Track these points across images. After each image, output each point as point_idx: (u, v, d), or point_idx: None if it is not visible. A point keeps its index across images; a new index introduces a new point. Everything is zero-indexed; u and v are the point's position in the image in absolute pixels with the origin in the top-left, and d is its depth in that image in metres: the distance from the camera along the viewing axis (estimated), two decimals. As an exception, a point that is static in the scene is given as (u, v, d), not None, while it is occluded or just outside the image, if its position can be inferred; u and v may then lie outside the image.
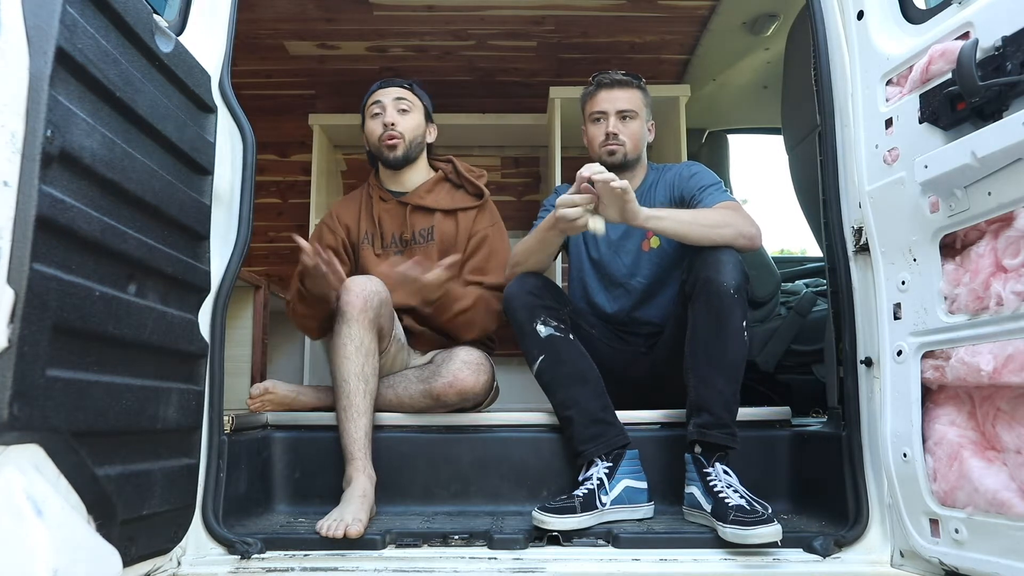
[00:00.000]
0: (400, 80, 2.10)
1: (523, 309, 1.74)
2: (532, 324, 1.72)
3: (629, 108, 1.91)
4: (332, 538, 1.43)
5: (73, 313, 0.96)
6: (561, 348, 1.72)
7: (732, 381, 1.59)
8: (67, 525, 0.93)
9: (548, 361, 1.71)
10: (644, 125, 1.96)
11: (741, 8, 2.79)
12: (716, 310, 1.58)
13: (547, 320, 1.73)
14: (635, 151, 1.93)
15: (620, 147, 1.90)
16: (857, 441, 1.44)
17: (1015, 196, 1.06)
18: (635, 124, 1.92)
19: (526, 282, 1.77)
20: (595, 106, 1.94)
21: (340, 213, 2.14)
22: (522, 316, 1.74)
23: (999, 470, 1.11)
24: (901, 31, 1.36)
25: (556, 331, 1.72)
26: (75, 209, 0.97)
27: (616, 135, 1.90)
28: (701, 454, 1.58)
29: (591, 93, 1.96)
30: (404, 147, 2.04)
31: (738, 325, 1.58)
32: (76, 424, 0.98)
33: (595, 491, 1.57)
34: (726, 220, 1.65)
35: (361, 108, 2.12)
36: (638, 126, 1.93)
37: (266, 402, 1.93)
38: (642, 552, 1.42)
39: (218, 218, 1.49)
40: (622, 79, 1.93)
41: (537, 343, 1.72)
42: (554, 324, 1.73)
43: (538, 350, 1.72)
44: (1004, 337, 1.08)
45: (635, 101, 1.93)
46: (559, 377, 1.71)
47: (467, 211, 2.09)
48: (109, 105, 1.08)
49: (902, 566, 1.34)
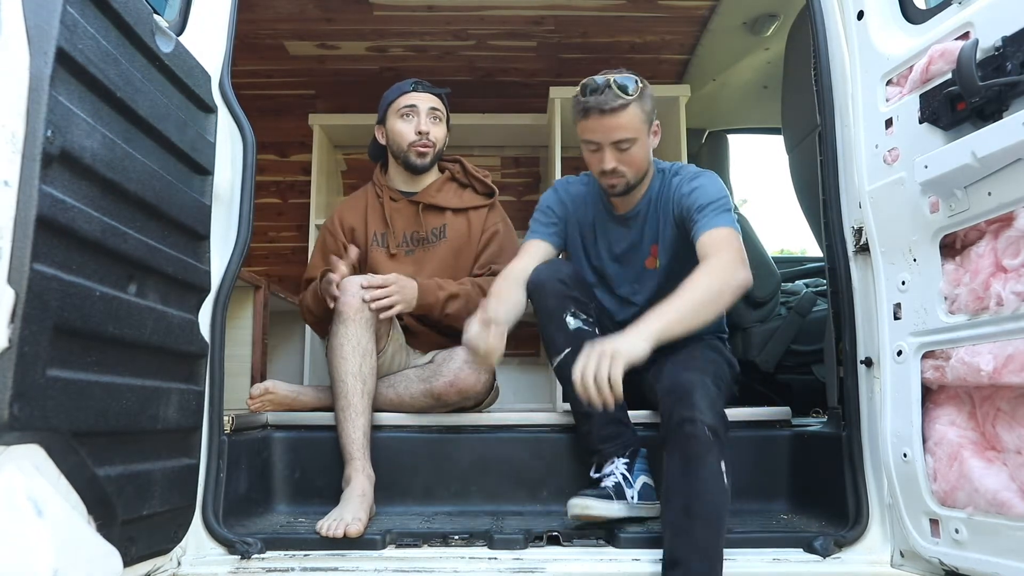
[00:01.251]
0: (436, 88, 2.10)
1: (554, 296, 1.65)
2: (562, 315, 1.64)
3: (626, 137, 1.63)
4: (332, 538, 1.43)
5: (73, 313, 0.96)
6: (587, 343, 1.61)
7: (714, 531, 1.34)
8: (67, 525, 0.93)
9: (573, 355, 1.57)
10: (647, 141, 1.70)
11: (741, 8, 2.79)
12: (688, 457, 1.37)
13: (577, 313, 1.65)
14: (639, 175, 1.72)
15: (621, 179, 1.69)
16: (857, 441, 1.44)
17: (1015, 196, 1.06)
18: (636, 148, 1.66)
19: (559, 269, 1.69)
20: (587, 133, 1.66)
21: (343, 216, 2.14)
22: (552, 304, 1.65)
23: (999, 470, 1.11)
24: (901, 31, 1.36)
25: (584, 324, 1.66)
26: (75, 209, 0.97)
27: (615, 170, 1.66)
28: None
29: (581, 115, 1.64)
30: (433, 156, 2.06)
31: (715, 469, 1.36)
32: (76, 424, 0.98)
33: (622, 484, 1.57)
34: (718, 286, 1.47)
35: (385, 102, 2.09)
36: (639, 149, 1.67)
37: (266, 402, 1.93)
38: (642, 552, 1.42)
39: (218, 218, 1.48)
40: (615, 104, 1.59)
41: (565, 335, 1.64)
42: (583, 317, 1.66)
43: (564, 342, 1.64)
44: (1004, 337, 1.08)
45: (632, 124, 1.63)
46: None
47: (478, 209, 2.12)
48: (109, 105, 1.08)
49: (902, 566, 1.34)
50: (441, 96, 2.10)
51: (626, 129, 1.62)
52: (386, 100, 2.09)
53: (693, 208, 1.68)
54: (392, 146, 2.08)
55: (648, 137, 1.71)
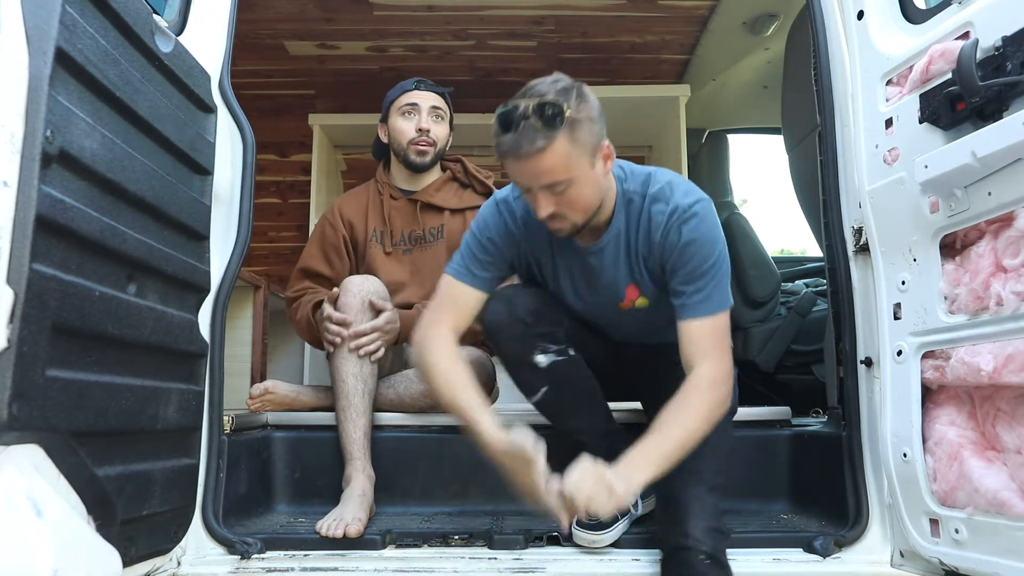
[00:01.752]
0: (439, 87, 2.09)
1: (515, 341, 1.48)
2: (530, 356, 1.46)
3: (557, 180, 1.28)
4: (332, 538, 1.43)
5: (73, 313, 0.96)
6: (566, 373, 1.50)
7: None
8: (67, 525, 0.93)
9: (553, 391, 1.50)
10: (590, 175, 1.32)
11: (741, 8, 2.79)
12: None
13: (546, 348, 1.47)
14: (586, 214, 1.36)
15: (564, 223, 1.36)
16: (857, 441, 1.44)
17: (1015, 196, 1.06)
18: (575, 189, 1.31)
19: (516, 306, 1.47)
20: (512, 175, 1.34)
21: (343, 209, 2.12)
22: (516, 349, 1.48)
23: (999, 470, 1.11)
24: (901, 31, 1.36)
25: (558, 355, 1.48)
26: (75, 209, 0.97)
27: (552, 215, 1.33)
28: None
29: (499, 156, 1.30)
30: (433, 155, 2.05)
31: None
32: (76, 424, 0.98)
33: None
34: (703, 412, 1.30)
35: (388, 100, 2.09)
36: (580, 188, 1.31)
37: (266, 402, 1.93)
38: (642, 552, 1.42)
39: (218, 218, 1.48)
40: (534, 148, 1.24)
41: (538, 375, 1.48)
42: (554, 349, 1.47)
43: (540, 382, 1.49)
44: (1004, 337, 1.08)
45: (562, 163, 1.26)
46: (566, 406, 1.55)
47: (475, 210, 2.09)
48: (109, 105, 1.08)
49: (902, 566, 1.34)
50: (444, 95, 2.10)
51: (555, 172, 1.27)
52: (389, 98, 2.09)
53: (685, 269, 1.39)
54: (393, 144, 2.07)
55: (590, 170, 1.32)
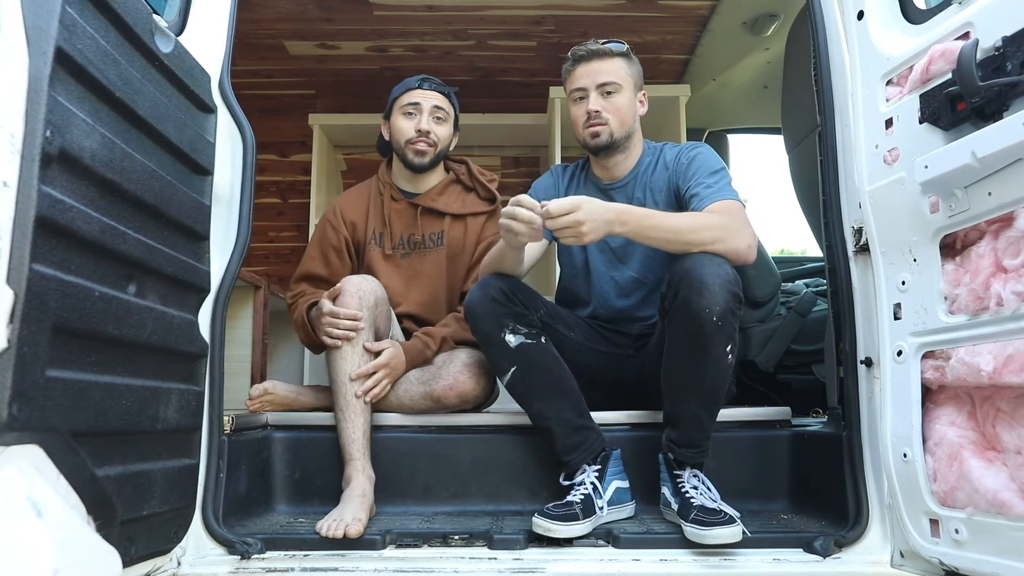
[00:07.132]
0: (443, 86, 2.06)
1: (487, 318, 1.60)
2: (500, 334, 1.59)
3: (610, 80, 1.71)
4: (332, 538, 1.43)
5: (73, 313, 0.96)
6: (534, 357, 1.61)
7: (708, 404, 1.52)
8: (67, 525, 0.93)
9: (521, 372, 1.60)
10: (632, 97, 1.76)
11: (741, 8, 2.79)
12: (694, 337, 1.45)
13: (516, 328, 1.60)
14: (623, 128, 1.74)
15: (604, 126, 1.72)
16: (857, 441, 1.44)
17: (1015, 196, 1.06)
18: (620, 98, 1.72)
19: (490, 287, 1.62)
20: (574, 83, 1.75)
21: (344, 209, 2.10)
22: (487, 326, 1.61)
23: (999, 470, 1.11)
24: (901, 31, 1.36)
25: (527, 338, 1.60)
26: (75, 209, 0.97)
27: (598, 113, 1.71)
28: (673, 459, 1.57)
29: (569, 70, 1.77)
30: (433, 156, 2.02)
31: (720, 352, 1.45)
32: (76, 424, 0.98)
33: (591, 496, 1.54)
34: (715, 235, 1.48)
35: (392, 98, 2.07)
36: (624, 99, 1.72)
37: (266, 402, 1.93)
38: (642, 552, 1.42)
39: (218, 218, 1.48)
40: (600, 49, 1.72)
41: (507, 354, 1.60)
42: (524, 331, 1.60)
43: (508, 361, 1.61)
44: (1004, 337, 1.08)
45: (618, 72, 1.72)
46: (533, 388, 1.62)
47: (477, 216, 2.08)
48: (109, 105, 1.08)
49: (902, 566, 1.34)
50: (449, 95, 2.07)
51: (611, 74, 1.71)
52: (393, 95, 2.07)
53: (693, 179, 1.66)
54: (394, 143, 2.06)
55: (634, 95, 1.76)
